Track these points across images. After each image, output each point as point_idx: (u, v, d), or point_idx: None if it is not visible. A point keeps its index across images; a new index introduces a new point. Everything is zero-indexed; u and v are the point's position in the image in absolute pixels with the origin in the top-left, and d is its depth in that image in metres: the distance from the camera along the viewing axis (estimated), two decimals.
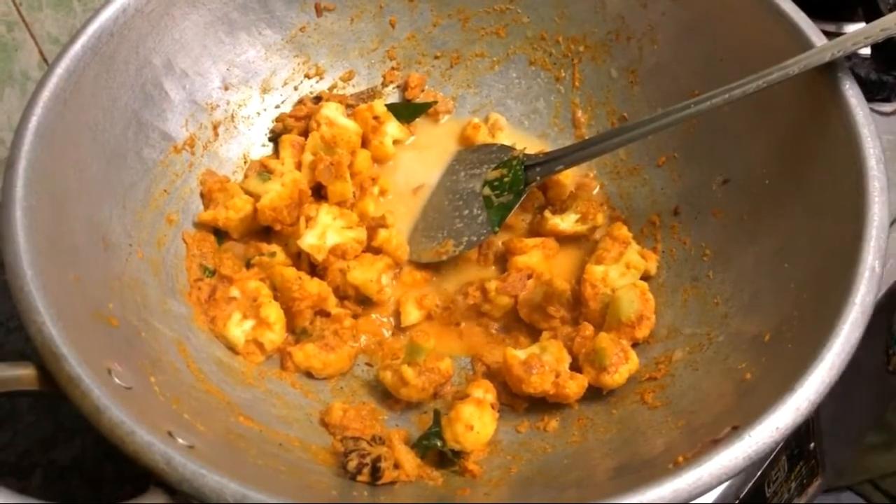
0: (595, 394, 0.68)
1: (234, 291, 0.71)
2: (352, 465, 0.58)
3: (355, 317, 0.75)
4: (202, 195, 0.76)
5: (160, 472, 0.46)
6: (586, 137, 0.84)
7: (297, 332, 0.72)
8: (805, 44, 0.65)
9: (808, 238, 0.63)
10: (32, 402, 0.74)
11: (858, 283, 0.54)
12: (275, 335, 0.70)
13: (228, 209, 0.74)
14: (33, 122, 0.60)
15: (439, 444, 0.63)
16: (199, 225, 0.75)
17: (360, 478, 0.58)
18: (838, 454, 0.92)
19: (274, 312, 0.70)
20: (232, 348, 0.70)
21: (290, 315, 0.72)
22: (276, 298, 0.72)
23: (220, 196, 0.75)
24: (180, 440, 0.50)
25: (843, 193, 0.60)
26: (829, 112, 0.63)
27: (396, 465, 0.60)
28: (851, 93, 0.62)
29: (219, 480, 0.46)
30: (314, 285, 0.72)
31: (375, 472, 0.58)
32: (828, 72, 0.63)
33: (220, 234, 0.76)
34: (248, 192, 0.76)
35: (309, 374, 0.71)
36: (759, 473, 0.75)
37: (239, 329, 0.70)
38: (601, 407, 0.67)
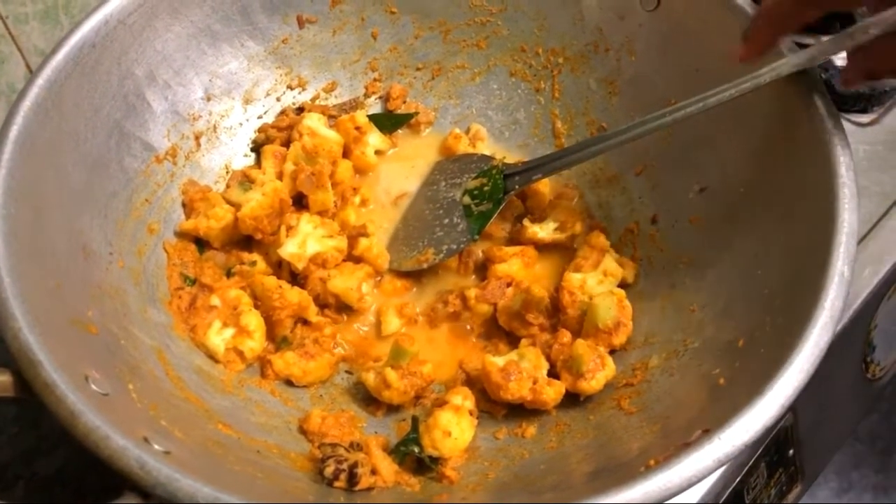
0: (572, 400, 0.68)
1: (215, 300, 0.71)
2: (328, 470, 0.59)
3: (335, 325, 0.75)
4: (183, 205, 0.77)
5: (134, 477, 0.46)
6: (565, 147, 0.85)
7: (277, 340, 0.72)
8: (776, 53, 0.66)
9: (782, 244, 0.63)
10: (15, 413, 0.74)
11: (828, 287, 0.55)
12: (255, 343, 0.70)
13: (209, 218, 0.75)
14: (14, 131, 0.60)
15: (417, 450, 0.63)
16: (180, 234, 0.76)
17: (336, 484, 0.58)
18: (818, 462, 0.92)
19: (254, 321, 0.71)
20: (212, 356, 0.70)
21: (271, 323, 0.72)
22: (256, 307, 0.72)
23: (202, 205, 0.76)
24: (156, 446, 0.50)
25: (815, 200, 0.60)
26: (801, 120, 0.64)
27: (373, 471, 0.60)
28: (821, 101, 0.63)
29: (192, 484, 0.46)
30: (294, 294, 0.72)
31: (352, 478, 0.58)
32: (799, 81, 0.64)
33: (201, 244, 0.76)
34: (229, 202, 0.77)
35: (289, 382, 0.71)
36: (738, 479, 0.75)
37: (219, 337, 0.70)
38: (578, 413, 0.67)
